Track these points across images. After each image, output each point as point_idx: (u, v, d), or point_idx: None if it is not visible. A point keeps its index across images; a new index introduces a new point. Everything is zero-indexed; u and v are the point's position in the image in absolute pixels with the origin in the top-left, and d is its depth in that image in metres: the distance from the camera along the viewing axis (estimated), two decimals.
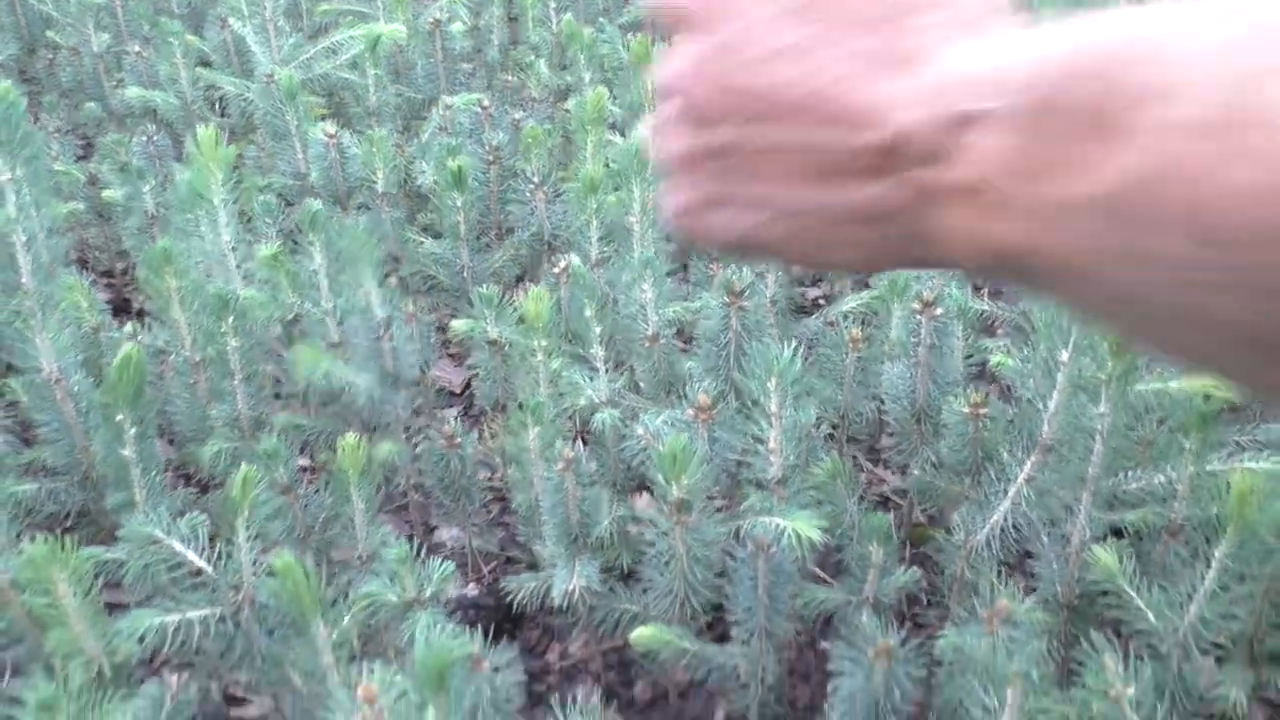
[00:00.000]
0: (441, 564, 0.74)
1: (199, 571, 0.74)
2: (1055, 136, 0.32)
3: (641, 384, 1.02)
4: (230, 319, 0.89)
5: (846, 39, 0.37)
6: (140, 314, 1.41)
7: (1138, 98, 0.30)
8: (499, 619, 0.99)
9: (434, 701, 0.52)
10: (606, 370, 0.93)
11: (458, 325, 1.07)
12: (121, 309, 1.46)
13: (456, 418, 1.22)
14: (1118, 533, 0.84)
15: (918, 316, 0.95)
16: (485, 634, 0.74)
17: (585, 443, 0.98)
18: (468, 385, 1.29)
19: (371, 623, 0.72)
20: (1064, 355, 0.77)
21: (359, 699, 0.62)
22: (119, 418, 0.74)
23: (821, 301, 1.43)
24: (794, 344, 0.80)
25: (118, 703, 0.65)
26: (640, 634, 0.75)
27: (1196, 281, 0.29)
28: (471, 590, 1.04)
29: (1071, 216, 0.33)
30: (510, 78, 1.84)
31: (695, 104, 0.39)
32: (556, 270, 1.08)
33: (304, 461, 1.14)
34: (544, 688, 0.90)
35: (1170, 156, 0.29)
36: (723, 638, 0.82)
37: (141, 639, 0.70)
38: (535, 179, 1.28)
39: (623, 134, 1.47)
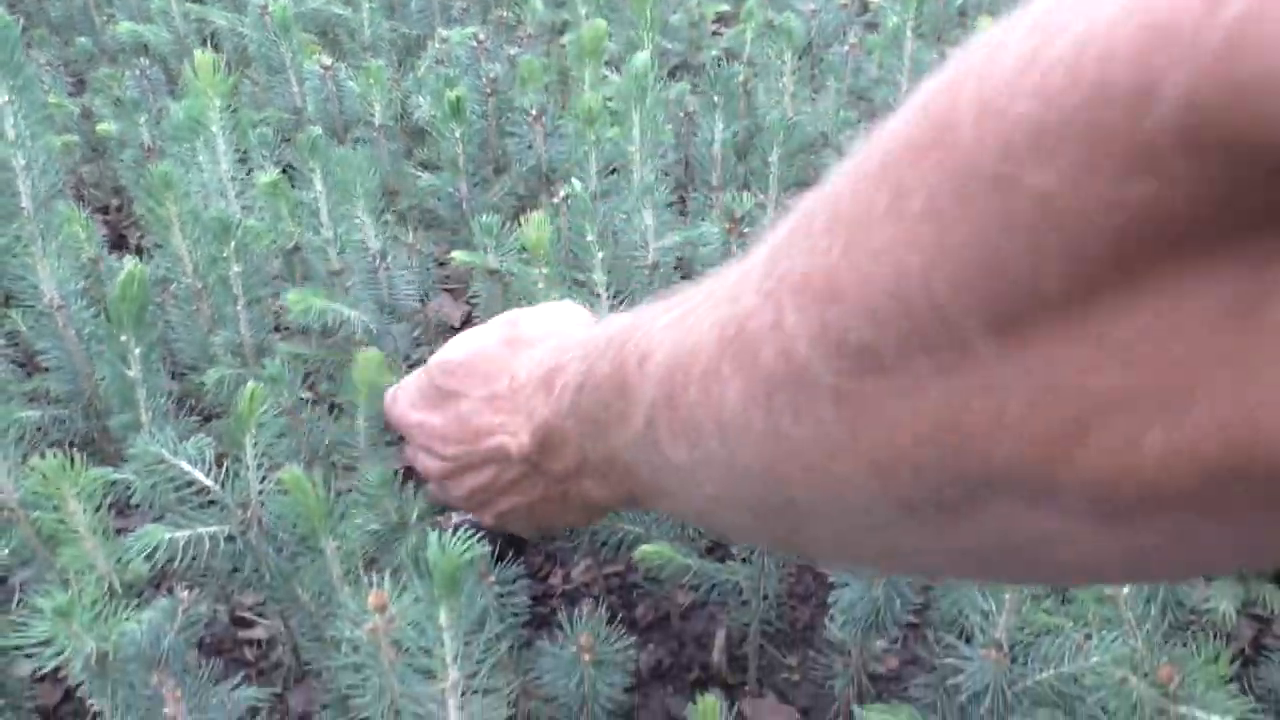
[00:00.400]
0: (419, 489, 0.75)
1: (206, 491, 0.75)
2: (599, 405, 0.51)
3: None
4: (233, 243, 0.89)
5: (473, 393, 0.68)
6: (138, 250, 1.41)
7: (637, 359, 0.44)
8: (503, 545, 1.00)
9: (447, 603, 0.53)
10: (608, 296, 0.93)
11: (459, 255, 1.07)
12: (118, 245, 1.45)
13: None
14: None
15: None
16: (490, 558, 0.75)
17: None
18: (466, 319, 1.30)
19: (366, 549, 0.73)
20: None
21: (370, 606, 0.63)
22: (124, 337, 0.75)
23: None
24: None
25: (131, 613, 0.65)
26: (644, 550, 0.76)
27: (700, 482, 0.41)
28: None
29: (623, 457, 0.50)
30: (505, 13, 1.82)
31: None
32: (557, 199, 1.08)
33: (305, 395, 1.14)
34: (547, 610, 0.91)
35: (659, 398, 0.42)
36: (724, 559, 0.83)
37: (151, 556, 0.71)
38: (533, 111, 1.28)
39: (619, 71, 1.47)
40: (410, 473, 0.87)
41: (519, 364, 0.65)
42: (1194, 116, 0.19)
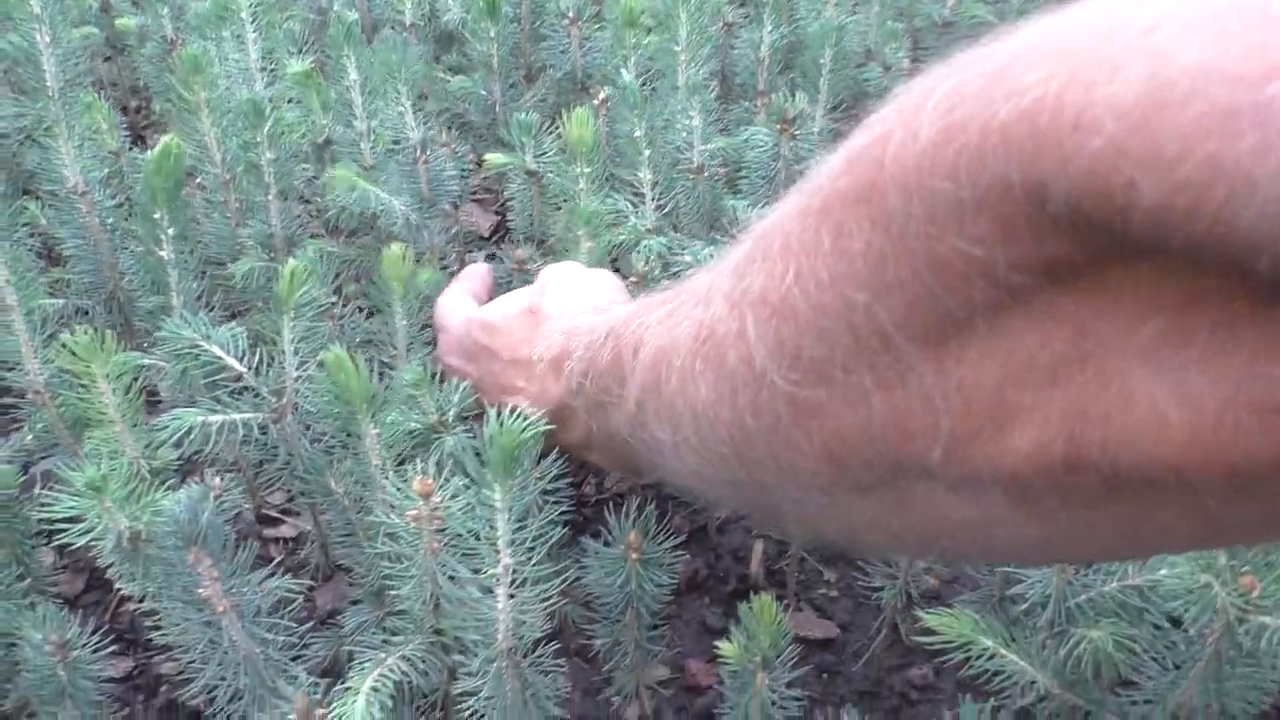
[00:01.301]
0: (460, 387, 0.72)
1: (239, 377, 0.72)
2: (601, 390, 0.59)
3: (683, 219, 0.99)
4: (266, 127, 0.86)
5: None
6: None
7: (632, 349, 0.51)
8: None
9: (502, 483, 0.50)
10: (653, 198, 0.90)
11: (492, 158, 1.03)
12: (136, 143, 1.41)
13: (488, 257, 1.20)
14: None
15: None
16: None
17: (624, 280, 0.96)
18: (496, 230, 1.26)
19: (402, 448, 0.70)
20: None
21: (415, 491, 0.60)
22: (157, 214, 0.72)
23: None
24: None
25: (164, 495, 0.63)
26: None
27: (684, 459, 0.46)
28: None
29: (622, 434, 0.56)
30: None
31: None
32: (597, 100, 1.04)
33: (332, 298, 1.11)
34: (580, 519, 0.89)
35: (647, 384, 0.48)
36: None
37: (181, 441, 0.69)
38: (569, 14, 1.23)
39: None
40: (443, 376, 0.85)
41: (538, 337, 0.73)
42: (1075, 211, 0.25)
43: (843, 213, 0.32)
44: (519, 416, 0.50)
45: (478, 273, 0.90)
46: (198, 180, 1.00)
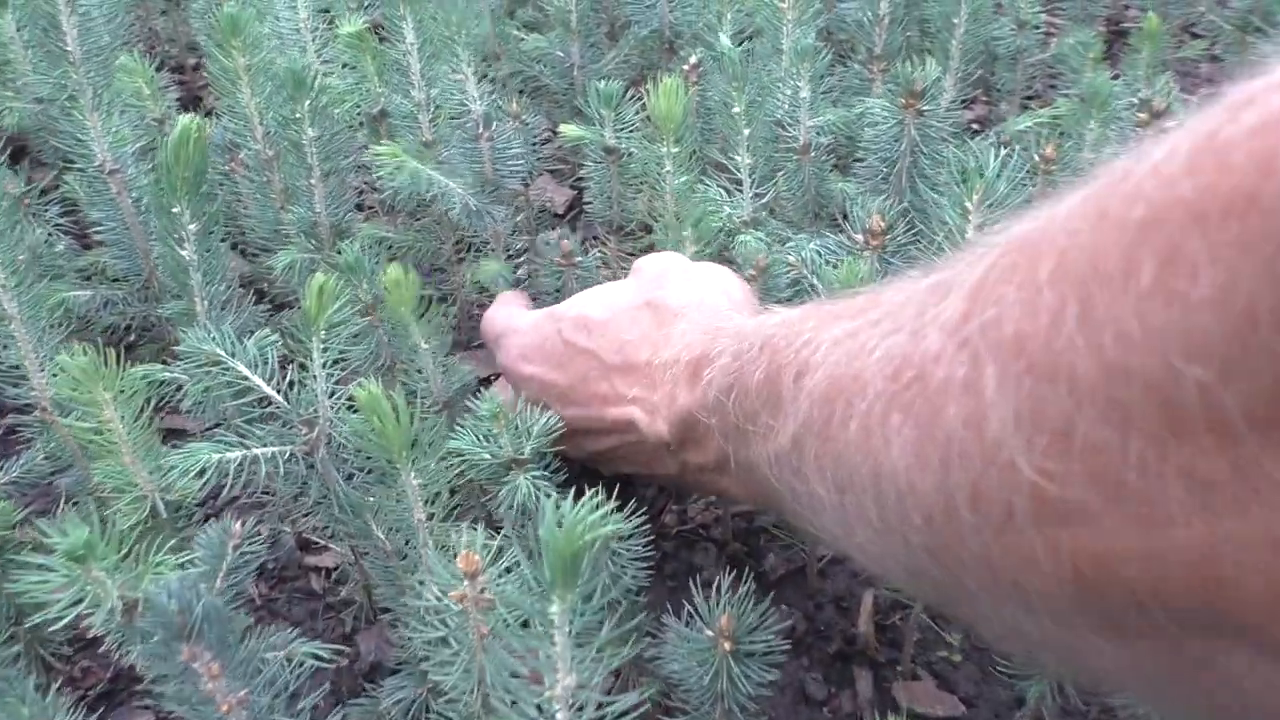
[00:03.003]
0: (543, 413, 0.61)
1: (267, 401, 0.62)
2: (746, 414, 0.47)
3: (783, 206, 0.86)
4: (307, 102, 0.74)
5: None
6: (211, 113, 1.27)
7: (793, 371, 0.41)
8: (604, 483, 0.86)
9: (561, 594, 0.39)
10: (751, 184, 0.77)
11: (568, 130, 0.91)
12: (191, 107, 1.32)
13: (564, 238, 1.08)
14: None
15: (1139, 130, 0.77)
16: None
17: None
18: (571, 206, 1.14)
19: (458, 485, 0.60)
20: None
21: (461, 567, 0.49)
22: (175, 209, 0.61)
23: (976, 126, 1.23)
24: (1003, 150, 0.63)
25: (167, 553, 0.53)
26: None
27: (849, 527, 0.37)
28: None
29: (763, 470, 0.45)
30: None
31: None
32: (686, 66, 0.90)
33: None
34: (659, 554, 0.78)
35: (812, 421, 0.38)
36: None
37: (201, 474, 0.59)
38: None
39: None
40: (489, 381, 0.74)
41: (662, 338, 0.60)
42: None
43: (1184, 232, 0.21)
44: (585, 507, 0.38)
45: (518, 294, 0.79)
46: (240, 155, 0.90)
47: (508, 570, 0.50)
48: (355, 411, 0.55)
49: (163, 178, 0.59)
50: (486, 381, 0.84)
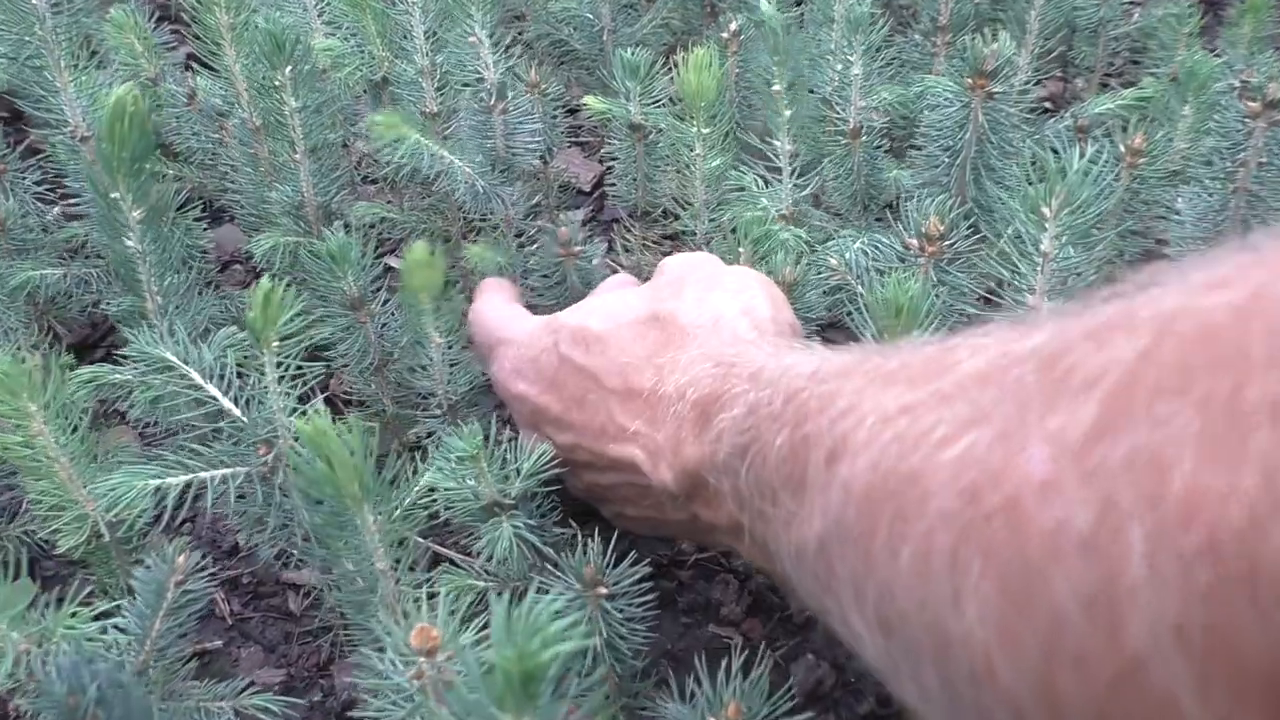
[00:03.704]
0: (539, 452, 0.52)
1: (223, 415, 0.54)
2: (763, 491, 0.38)
3: (829, 195, 0.76)
4: (289, 68, 0.66)
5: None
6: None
7: (826, 451, 0.32)
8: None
9: (514, 716, 0.31)
10: (792, 173, 0.67)
11: (592, 102, 0.82)
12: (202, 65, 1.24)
13: (584, 221, 0.99)
14: None
15: (1248, 121, 0.66)
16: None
17: None
18: (599, 183, 1.05)
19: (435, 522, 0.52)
20: None
21: (414, 644, 0.41)
22: (115, 195, 0.53)
23: (1048, 105, 1.11)
24: (1090, 145, 0.53)
25: (92, 598, 0.46)
26: None
27: (893, 670, 0.28)
28: None
29: (783, 563, 0.39)
30: None
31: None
32: (726, 34, 0.80)
33: (395, 262, 0.92)
34: (672, 584, 0.70)
35: (846, 522, 0.30)
36: None
37: (137, 502, 0.51)
38: None
39: None
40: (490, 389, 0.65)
41: (668, 363, 0.50)
42: None
43: None
44: (542, 611, 0.30)
45: (505, 284, 0.70)
46: (230, 124, 0.82)
47: (477, 644, 0.42)
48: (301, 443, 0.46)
49: (100, 156, 0.51)
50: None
